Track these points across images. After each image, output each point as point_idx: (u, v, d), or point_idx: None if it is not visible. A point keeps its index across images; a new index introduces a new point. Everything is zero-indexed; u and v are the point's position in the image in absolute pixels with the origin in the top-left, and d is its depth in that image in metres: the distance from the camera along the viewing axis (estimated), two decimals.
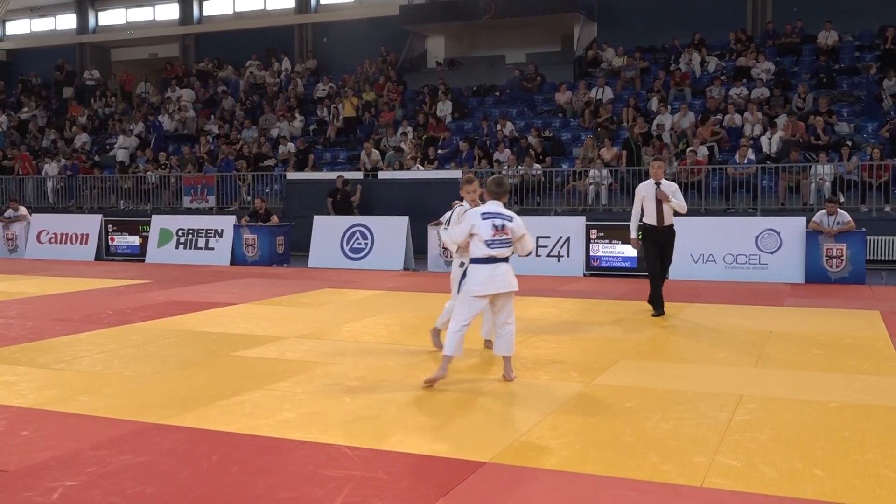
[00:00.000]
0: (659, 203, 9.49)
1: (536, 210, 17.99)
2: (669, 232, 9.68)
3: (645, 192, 9.62)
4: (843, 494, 4.06)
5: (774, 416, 5.41)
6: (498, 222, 6.24)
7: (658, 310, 9.69)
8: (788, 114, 18.46)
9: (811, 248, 13.21)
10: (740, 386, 6.25)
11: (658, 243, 9.68)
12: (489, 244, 6.22)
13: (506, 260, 6.34)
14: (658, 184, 9.55)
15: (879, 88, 19.10)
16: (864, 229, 13.44)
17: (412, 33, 26.85)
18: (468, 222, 6.33)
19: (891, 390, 6.11)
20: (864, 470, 4.40)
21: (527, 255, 6.66)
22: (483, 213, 6.28)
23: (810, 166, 16.53)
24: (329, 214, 17.44)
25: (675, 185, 9.77)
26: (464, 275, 6.50)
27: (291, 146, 22.37)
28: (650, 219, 9.58)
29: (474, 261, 6.31)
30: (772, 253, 13.50)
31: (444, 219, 7.38)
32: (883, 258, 14.86)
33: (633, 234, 9.82)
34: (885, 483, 4.21)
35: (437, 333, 7.63)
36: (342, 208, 17.66)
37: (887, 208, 15.75)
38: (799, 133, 17.65)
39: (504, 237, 6.26)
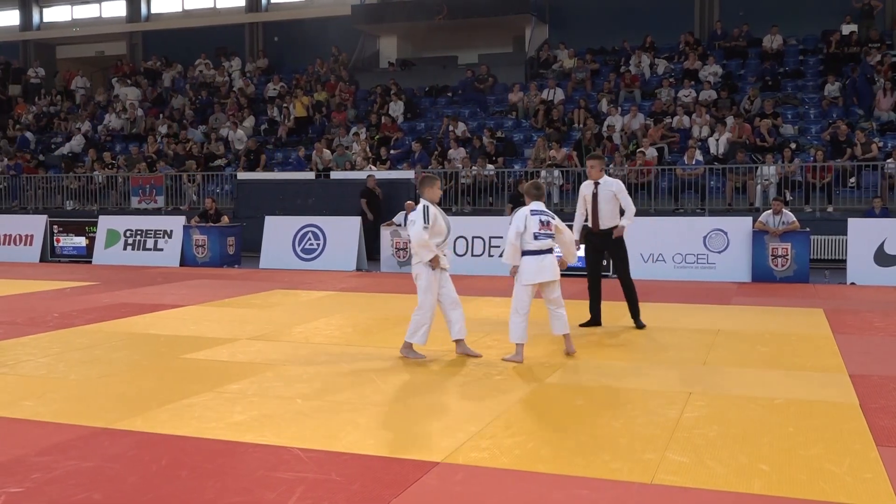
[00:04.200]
0: (595, 204, 8.86)
1: (489, 210, 18.06)
2: (607, 235, 8.92)
3: (585, 192, 9.02)
4: (789, 489, 4.15)
5: (722, 413, 5.50)
6: (544, 218, 7.23)
7: (592, 318, 9.03)
8: (735, 116, 18.80)
9: (757, 248, 13.47)
10: (689, 384, 6.35)
11: (597, 247, 9.04)
12: (536, 237, 7.11)
13: (550, 251, 7.28)
14: (597, 184, 8.90)
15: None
16: (808, 229, 13.76)
17: (364, 33, 26.77)
18: (521, 222, 7.14)
19: (833, 386, 6.26)
20: (809, 464, 4.50)
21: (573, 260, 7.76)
22: (532, 211, 7.20)
23: (756, 167, 16.85)
24: (363, 215, 16.58)
25: (618, 183, 9.07)
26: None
27: (244, 135, 22.24)
28: (588, 220, 9.00)
29: (525, 253, 7.13)
30: (719, 252, 13.74)
31: (396, 219, 7.39)
32: (826, 257, 15.20)
33: (576, 237, 9.11)
34: (828, 477, 4.31)
35: (410, 348, 7.34)
36: (376, 209, 16.90)
37: (830, 209, 16.12)
38: (745, 135, 17.99)
39: (549, 231, 7.22)
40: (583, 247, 9.12)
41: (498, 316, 9.87)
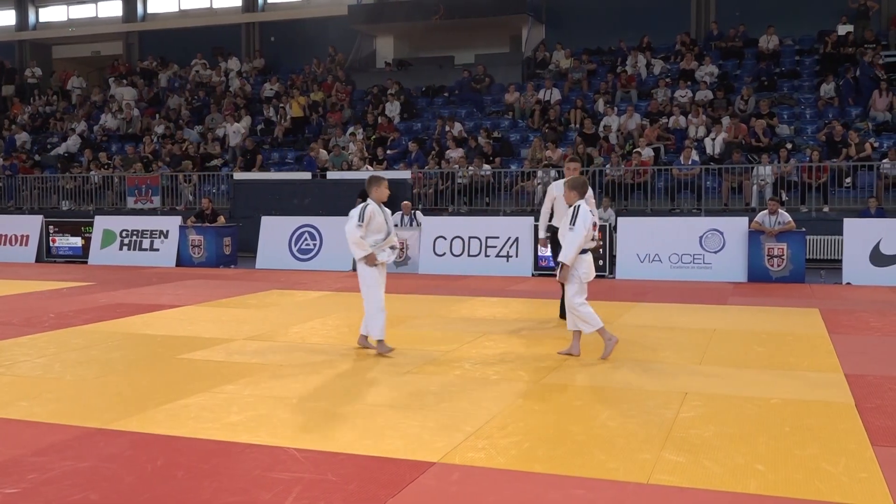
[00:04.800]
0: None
1: (486, 210, 18.07)
2: None
3: (557, 192, 9.04)
4: (785, 488, 4.15)
5: (718, 413, 5.51)
6: (595, 219, 7.33)
7: (562, 311, 9.08)
8: (731, 116, 18.82)
9: (753, 248, 13.49)
10: (685, 383, 6.35)
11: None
12: (593, 238, 7.29)
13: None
14: None
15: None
16: (804, 229, 13.77)
17: (361, 33, 26.77)
18: (590, 220, 7.17)
19: (829, 386, 6.27)
20: (805, 464, 4.51)
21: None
22: (589, 211, 7.27)
23: (752, 168, 16.88)
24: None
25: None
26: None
27: (240, 127, 22.26)
28: (558, 220, 8.91)
29: (584, 252, 7.23)
30: (715, 252, 13.76)
31: (353, 215, 7.57)
32: (822, 257, 15.23)
33: (542, 235, 9.34)
34: (824, 476, 4.32)
35: (382, 344, 7.60)
36: None
37: (826, 209, 16.15)
38: (741, 135, 18.02)
39: (595, 232, 7.29)
40: (548, 245, 9.42)
41: (494, 316, 9.88)
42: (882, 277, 12.96)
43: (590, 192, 9.17)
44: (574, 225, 7.15)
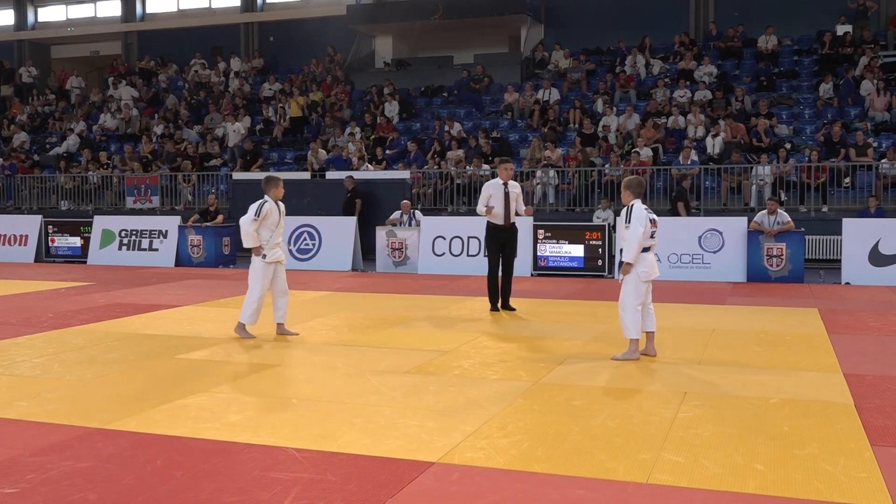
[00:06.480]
0: (506, 202, 9.84)
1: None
2: (513, 230, 10.09)
3: (492, 191, 9.94)
4: (784, 488, 4.15)
5: (717, 413, 5.51)
6: (652, 216, 7.24)
7: (493, 305, 10.11)
8: (728, 117, 18.82)
9: (752, 248, 13.50)
10: (684, 383, 6.36)
11: (501, 241, 10.08)
12: (651, 235, 7.19)
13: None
14: (506, 184, 9.89)
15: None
16: (802, 229, 13.78)
17: (360, 33, 26.77)
18: (644, 219, 7.13)
19: (828, 386, 6.27)
20: (804, 464, 4.51)
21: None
22: (645, 209, 7.20)
23: (751, 168, 16.88)
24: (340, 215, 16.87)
25: (519, 186, 10.16)
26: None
27: (241, 127, 22.29)
28: (496, 218, 9.92)
29: (644, 250, 7.17)
30: (714, 252, 13.77)
31: (251, 209, 8.23)
32: (821, 257, 15.23)
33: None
34: (823, 476, 4.32)
35: (242, 328, 8.39)
36: (349, 209, 17.16)
37: (825, 208, 16.15)
38: (740, 135, 18.02)
39: (655, 229, 7.21)
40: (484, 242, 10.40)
41: (493, 316, 9.88)
42: (881, 277, 12.97)
43: (519, 189, 9.99)
44: (630, 223, 7.14)
